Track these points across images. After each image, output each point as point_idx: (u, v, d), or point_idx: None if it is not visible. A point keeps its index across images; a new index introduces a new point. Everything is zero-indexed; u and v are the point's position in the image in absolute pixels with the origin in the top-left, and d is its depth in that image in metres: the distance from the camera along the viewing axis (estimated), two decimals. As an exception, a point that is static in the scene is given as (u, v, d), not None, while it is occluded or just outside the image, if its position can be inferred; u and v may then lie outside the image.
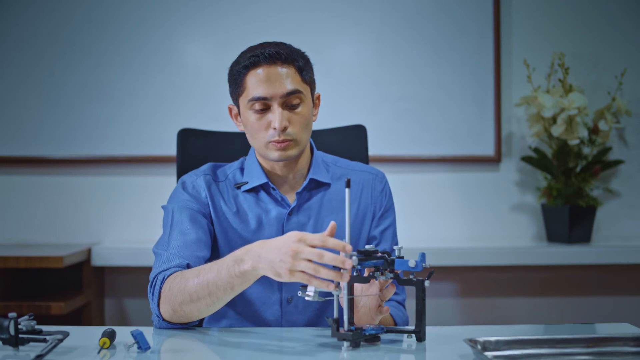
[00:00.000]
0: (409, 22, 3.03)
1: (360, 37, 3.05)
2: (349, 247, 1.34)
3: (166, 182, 2.83)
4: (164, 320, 1.58)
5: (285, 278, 1.37)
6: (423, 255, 1.41)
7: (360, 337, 1.40)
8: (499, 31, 3.03)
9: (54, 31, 2.98)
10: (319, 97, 1.77)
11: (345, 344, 1.39)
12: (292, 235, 1.37)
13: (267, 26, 2.98)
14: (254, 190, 1.75)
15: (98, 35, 2.99)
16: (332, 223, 1.39)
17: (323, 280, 1.34)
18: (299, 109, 1.67)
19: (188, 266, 1.61)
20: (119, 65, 3.00)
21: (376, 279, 1.44)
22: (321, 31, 3.01)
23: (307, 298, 1.41)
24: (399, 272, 1.43)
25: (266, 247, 1.40)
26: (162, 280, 1.58)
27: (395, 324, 1.72)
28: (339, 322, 1.41)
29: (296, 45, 1.72)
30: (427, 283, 1.41)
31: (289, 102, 1.66)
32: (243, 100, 1.68)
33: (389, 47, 3.04)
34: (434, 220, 3.06)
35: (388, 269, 1.42)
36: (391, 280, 1.45)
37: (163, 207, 1.75)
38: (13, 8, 2.97)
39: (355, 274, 1.44)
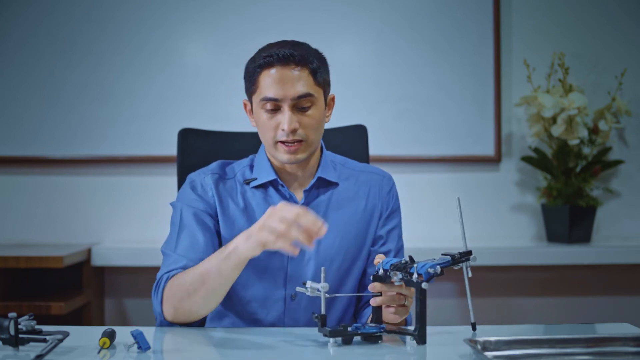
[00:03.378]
0: (409, 22, 3.03)
1: (360, 37, 3.04)
2: (324, 229, 1.40)
3: (166, 182, 2.83)
4: (165, 320, 1.61)
5: (253, 237, 1.44)
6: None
7: (346, 334, 1.41)
8: (499, 31, 3.03)
9: (54, 31, 2.98)
10: (333, 99, 1.79)
11: (331, 340, 1.40)
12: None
13: (267, 26, 2.98)
14: (263, 187, 1.76)
15: (98, 35, 2.99)
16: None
17: (288, 240, 1.39)
18: (309, 112, 1.68)
19: None
20: (119, 65, 2.99)
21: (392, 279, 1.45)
22: (321, 31, 3.01)
23: (307, 293, 1.43)
24: (414, 274, 1.42)
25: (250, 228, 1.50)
26: (166, 280, 1.61)
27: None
28: (324, 318, 1.42)
29: (297, 45, 1.72)
30: (424, 285, 1.41)
31: (300, 104, 1.66)
32: (256, 99, 1.70)
33: (389, 47, 3.04)
34: (434, 220, 3.06)
35: (402, 271, 1.43)
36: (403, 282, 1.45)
37: (172, 204, 1.77)
38: (13, 8, 2.97)
39: (381, 272, 1.45)
